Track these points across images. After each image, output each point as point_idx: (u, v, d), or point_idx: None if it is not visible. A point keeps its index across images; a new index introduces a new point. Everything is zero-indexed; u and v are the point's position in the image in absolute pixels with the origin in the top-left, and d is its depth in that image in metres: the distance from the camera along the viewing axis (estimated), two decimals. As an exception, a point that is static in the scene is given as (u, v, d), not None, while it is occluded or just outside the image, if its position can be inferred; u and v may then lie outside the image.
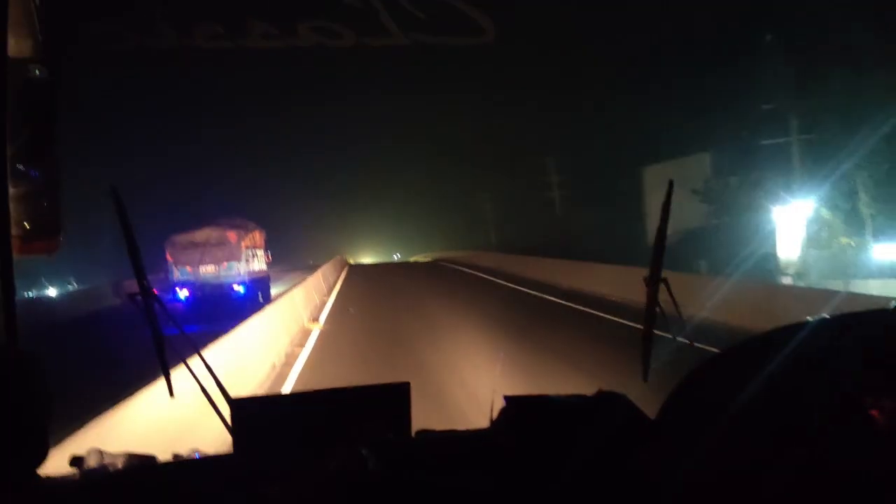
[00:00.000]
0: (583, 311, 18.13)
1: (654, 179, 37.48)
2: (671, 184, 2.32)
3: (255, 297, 27.38)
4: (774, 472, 1.16)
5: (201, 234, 27.43)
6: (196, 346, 2.06)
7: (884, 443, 1.12)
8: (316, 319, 17.78)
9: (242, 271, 27.38)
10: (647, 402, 1.61)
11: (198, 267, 26.97)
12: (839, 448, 1.14)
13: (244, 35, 9.02)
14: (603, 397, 1.61)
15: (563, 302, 20.49)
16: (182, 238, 27.26)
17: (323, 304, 22.20)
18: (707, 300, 12.56)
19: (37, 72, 1.62)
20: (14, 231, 1.61)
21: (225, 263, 27.23)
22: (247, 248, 28.26)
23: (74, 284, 39.88)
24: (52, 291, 37.97)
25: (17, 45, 1.60)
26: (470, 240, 73.68)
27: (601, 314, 17.00)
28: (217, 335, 9.24)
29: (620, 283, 18.71)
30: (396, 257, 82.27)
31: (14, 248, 1.61)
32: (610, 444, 1.42)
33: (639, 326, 1.34)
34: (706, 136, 33.71)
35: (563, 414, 1.57)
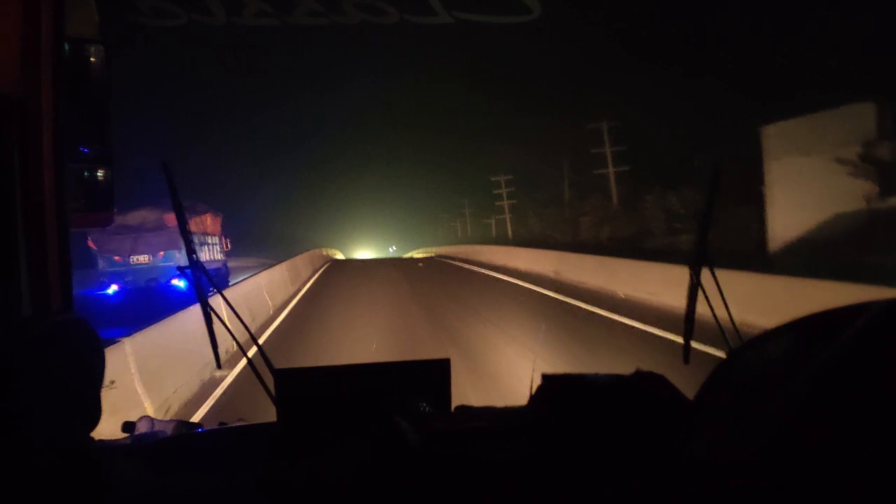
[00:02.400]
0: None
1: (778, 144, 24.82)
2: (717, 165, 2.33)
3: (204, 293, 23.23)
4: (815, 457, 1.17)
5: (134, 217, 22.84)
6: (243, 320, 2.12)
7: None
8: None
9: (184, 262, 22.57)
10: (688, 384, 1.61)
11: (128, 256, 22.71)
12: (882, 441, 1.14)
13: (291, 12, 9.08)
14: (641, 377, 1.62)
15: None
16: None
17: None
18: None
19: (93, 50, 1.67)
20: (70, 204, 1.67)
21: (162, 252, 22.86)
22: (192, 234, 23.46)
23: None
24: None
25: (73, 24, 1.65)
26: (479, 231, 64.25)
27: None
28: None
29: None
30: (392, 250, 77.29)
31: (70, 220, 1.68)
32: (647, 423, 1.43)
33: None
34: (863, 80, 22.11)
35: (601, 392, 1.59)
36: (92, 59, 1.67)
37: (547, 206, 52.58)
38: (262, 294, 16.77)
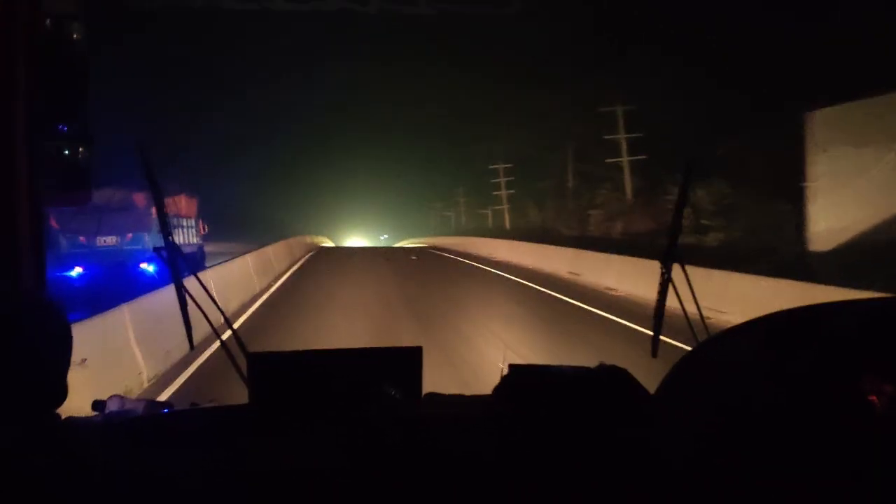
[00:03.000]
0: None
1: (826, 132, 20.03)
2: (689, 163, 2.34)
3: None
4: (770, 451, 1.20)
5: (100, 195, 20.43)
6: (217, 302, 2.12)
7: (881, 426, 1.16)
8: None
9: (154, 245, 17.50)
10: (657, 378, 1.65)
11: (94, 237, 21.08)
12: (837, 430, 1.18)
13: (270, -4, 9.02)
14: (604, 370, 1.66)
15: None
16: None
17: None
18: None
19: (73, 26, 1.66)
20: (46, 182, 1.66)
21: (130, 234, 21.19)
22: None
23: None
24: None
25: (54, 1, 1.64)
26: (474, 222, 59.80)
27: None
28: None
29: None
30: (383, 238, 74.02)
31: (46, 198, 1.67)
32: (606, 416, 1.47)
33: None
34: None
35: (563, 384, 1.63)
36: (73, 35, 1.66)
37: (549, 198, 48.09)
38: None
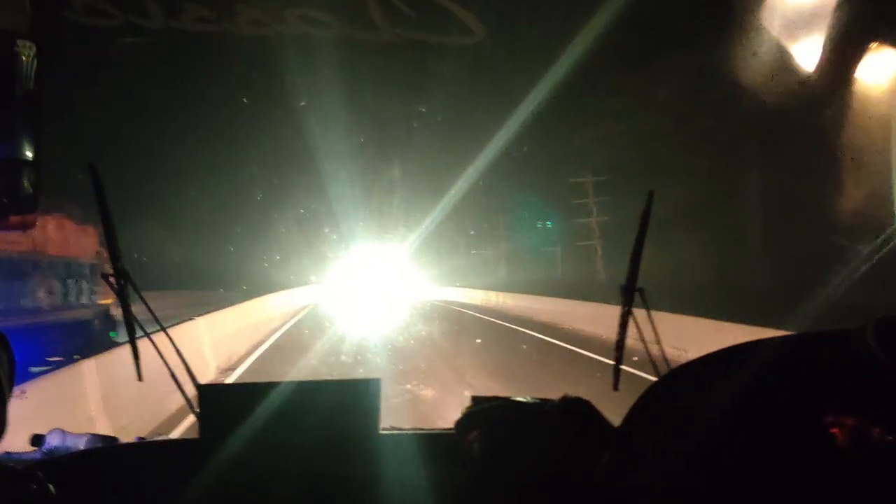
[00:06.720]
0: None
1: None
2: (651, 194, 2.32)
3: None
4: (733, 486, 1.20)
5: None
6: (166, 330, 2.06)
7: (844, 460, 1.16)
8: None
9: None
10: (618, 411, 1.64)
11: None
12: (800, 466, 1.18)
13: (232, 20, 8.96)
14: (567, 402, 1.65)
15: None
16: None
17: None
18: None
19: (23, 46, 1.61)
20: None
21: None
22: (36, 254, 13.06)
23: None
24: None
25: (2, 18, 1.59)
26: (528, 267, 40.56)
27: None
28: None
29: None
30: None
31: None
32: (570, 449, 1.45)
33: None
34: None
35: (526, 417, 1.61)
36: (22, 56, 1.61)
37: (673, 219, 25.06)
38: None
